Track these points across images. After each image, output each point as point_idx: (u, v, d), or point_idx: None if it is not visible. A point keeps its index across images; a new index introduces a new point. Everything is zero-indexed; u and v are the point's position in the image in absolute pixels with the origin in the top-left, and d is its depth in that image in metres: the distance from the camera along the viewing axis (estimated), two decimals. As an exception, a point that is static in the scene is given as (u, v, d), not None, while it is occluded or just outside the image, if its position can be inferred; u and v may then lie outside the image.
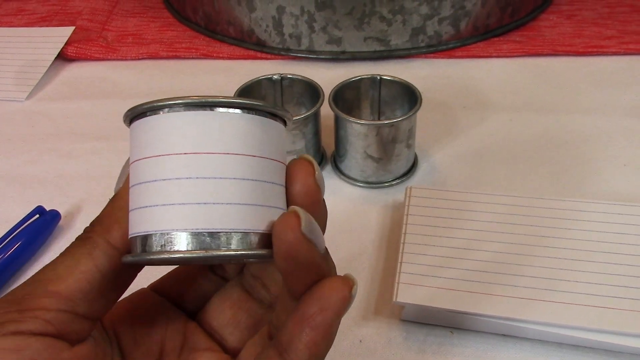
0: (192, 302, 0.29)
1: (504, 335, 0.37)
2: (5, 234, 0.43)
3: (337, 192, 0.49)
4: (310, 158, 0.24)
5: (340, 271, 0.42)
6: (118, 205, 0.24)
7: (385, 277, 0.42)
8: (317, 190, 0.24)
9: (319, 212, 0.25)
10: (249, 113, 0.23)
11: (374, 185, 0.49)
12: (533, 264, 0.38)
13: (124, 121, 0.24)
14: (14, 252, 0.43)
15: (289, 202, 0.24)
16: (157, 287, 0.29)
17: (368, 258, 0.43)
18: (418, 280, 0.38)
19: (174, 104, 0.23)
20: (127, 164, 0.25)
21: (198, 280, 0.29)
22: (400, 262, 0.39)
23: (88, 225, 0.25)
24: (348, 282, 0.23)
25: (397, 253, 0.40)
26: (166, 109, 0.23)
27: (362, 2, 0.60)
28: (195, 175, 0.22)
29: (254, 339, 0.27)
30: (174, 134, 0.22)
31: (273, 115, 0.24)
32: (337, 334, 0.38)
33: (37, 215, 0.45)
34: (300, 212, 0.22)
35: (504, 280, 0.38)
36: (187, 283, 0.29)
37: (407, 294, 0.37)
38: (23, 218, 0.44)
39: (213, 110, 0.23)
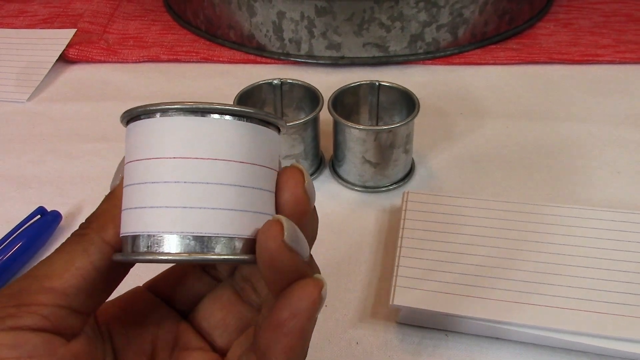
0: (184, 302, 0.29)
1: (499, 338, 0.38)
2: (6, 235, 0.44)
3: (335, 196, 0.49)
4: (301, 167, 0.25)
5: (338, 274, 0.43)
6: (114, 203, 0.25)
7: (382, 280, 0.42)
8: (306, 199, 0.24)
9: (308, 221, 0.25)
10: (240, 120, 0.23)
11: (372, 190, 0.49)
12: (526, 268, 0.39)
13: (121, 121, 0.25)
14: (15, 252, 0.43)
15: (277, 210, 0.24)
16: (151, 286, 0.29)
17: (365, 261, 0.44)
18: (414, 284, 0.38)
19: (168, 108, 0.23)
20: (122, 162, 0.25)
21: (190, 281, 0.29)
22: (397, 266, 0.39)
23: (84, 222, 0.25)
24: (318, 284, 0.23)
25: (393, 257, 0.41)
26: (159, 113, 0.23)
27: (361, 8, 0.60)
28: (183, 180, 0.22)
29: (240, 340, 0.28)
30: (165, 138, 0.23)
31: (266, 123, 0.24)
32: (334, 335, 0.39)
33: (39, 216, 0.45)
34: (284, 220, 0.23)
35: (498, 284, 0.38)
36: (180, 283, 0.29)
37: (404, 297, 0.38)
38: (24, 219, 0.45)
39: (205, 116, 0.23)
